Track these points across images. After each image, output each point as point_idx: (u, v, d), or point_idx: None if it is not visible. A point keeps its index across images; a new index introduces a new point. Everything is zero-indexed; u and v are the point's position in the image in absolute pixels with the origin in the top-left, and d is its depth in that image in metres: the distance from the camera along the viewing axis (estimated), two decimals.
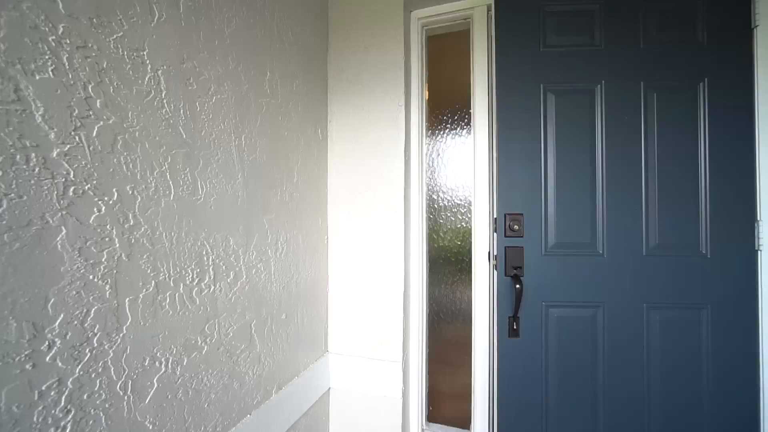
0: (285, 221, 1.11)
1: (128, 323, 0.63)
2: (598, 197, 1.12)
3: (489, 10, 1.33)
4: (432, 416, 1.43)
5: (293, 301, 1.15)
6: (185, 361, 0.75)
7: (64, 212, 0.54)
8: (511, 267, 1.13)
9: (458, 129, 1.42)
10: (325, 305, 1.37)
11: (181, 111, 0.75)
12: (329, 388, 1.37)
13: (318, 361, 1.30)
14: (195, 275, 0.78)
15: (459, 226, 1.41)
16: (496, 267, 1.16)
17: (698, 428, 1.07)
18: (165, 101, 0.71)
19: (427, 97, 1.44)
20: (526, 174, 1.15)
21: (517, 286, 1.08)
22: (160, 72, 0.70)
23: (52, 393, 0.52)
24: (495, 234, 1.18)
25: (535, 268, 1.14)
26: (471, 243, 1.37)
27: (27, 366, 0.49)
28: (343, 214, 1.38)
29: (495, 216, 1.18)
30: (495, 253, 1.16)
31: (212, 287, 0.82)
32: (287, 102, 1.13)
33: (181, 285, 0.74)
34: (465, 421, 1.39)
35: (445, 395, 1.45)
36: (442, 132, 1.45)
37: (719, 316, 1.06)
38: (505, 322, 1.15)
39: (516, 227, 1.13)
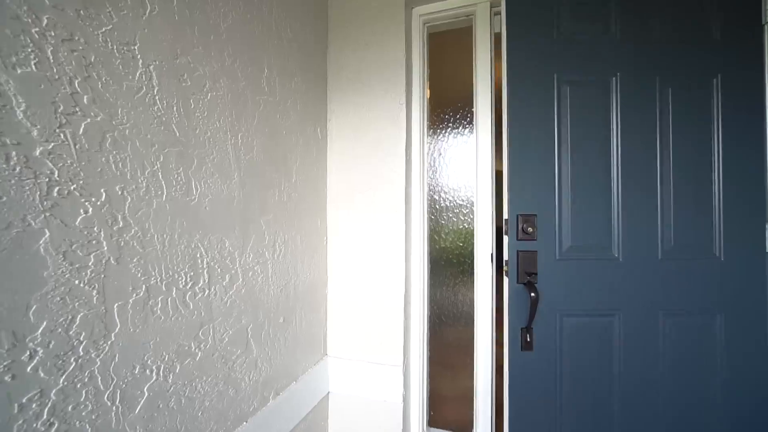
0: (283, 222, 1.08)
1: (117, 330, 0.60)
2: (613, 196, 1.06)
3: (492, 6, 1.30)
4: (433, 420, 1.41)
5: (291, 304, 1.12)
6: (178, 368, 0.72)
7: (47, 214, 0.51)
8: (524, 273, 1.05)
9: (460, 128, 1.39)
10: (324, 308, 1.34)
11: (174, 108, 0.72)
12: (328, 393, 1.34)
13: (317, 365, 1.27)
14: (188, 279, 0.75)
15: (461, 227, 1.38)
16: (506, 273, 1.08)
17: None
18: (157, 98, 0.68)
19: (428, 96, 1.41)
20: (540, 171, 1.07)
21: (532, 294, 1.00)
22: (151, 67, 0.67)
23: (34, 405, 0.49)
24: (506, 237, 1.09)
25: (549, 275, 1.06)
26: (473, 245, 1.34)
27: (6, 377, 0.46)
28: (342, 215, 1.36)
29: (506, 217, 1.09)
30: (505, 257, 1.08)
31: (207, 291, 0.80)
32: (285, 100, 1.10)
33: (174, 289, 0.71)
34: (467, 425, 1.36)
35: (447, 399, 1.42)
36: (443, 131, 1.42)
37: (735, 322, 1.02)
38: (517, 334, 1.07)
39: (530, 230, 1.05)
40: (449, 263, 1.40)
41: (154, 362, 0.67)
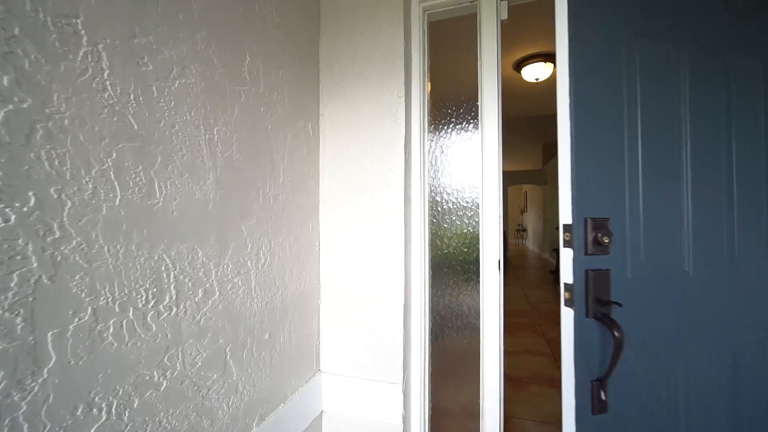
0: (268, 227, 0.97)
1: (51, 364, 0.49)
2: (683, 194, 0.85)
3: None
4: None
5: (278, 318, 1.01)
6: (136, 402, 0.61)
7: None
8: (595, 301, 0.75)
9: (464, 123, 1.28)
10: (316, 320, 1.23)
11: (132, 96, 0.61)
12: (321, 412, 1.23)
13: (309, 383, 1.16)
14: (150, 296, 0.64)
15: (465, 231, 1.27)
16: (567, 302, 0.77)
17: None
18: (108, 83, 0.57)
19: (429, 89, 1.31)
20: (608, 160, 0.80)
21: (616, 334, 0.70)
22: (101, 46, 0.57)
23: None
24: (564, 251, 0.78)
25: (623, 301, 0.79)
26: (479, 250, 1.23)
27: None
28: (336, 218, 1.25)
29: (565, 222, 0.78)
30: (564, 280, 0.78)
31: (174, 309, 0.69)
32: (271, 92, 0.99)
33: (131, 309, 0.60)
34: None
35: (451, 417, 1.31)
36: (446, 127, 1.31)
37: None
38: (586, 390, 0.76)
39: (605, 240, 0.75)
40: (453, 270, 1.29)
41: (103, 398, 0.56)
